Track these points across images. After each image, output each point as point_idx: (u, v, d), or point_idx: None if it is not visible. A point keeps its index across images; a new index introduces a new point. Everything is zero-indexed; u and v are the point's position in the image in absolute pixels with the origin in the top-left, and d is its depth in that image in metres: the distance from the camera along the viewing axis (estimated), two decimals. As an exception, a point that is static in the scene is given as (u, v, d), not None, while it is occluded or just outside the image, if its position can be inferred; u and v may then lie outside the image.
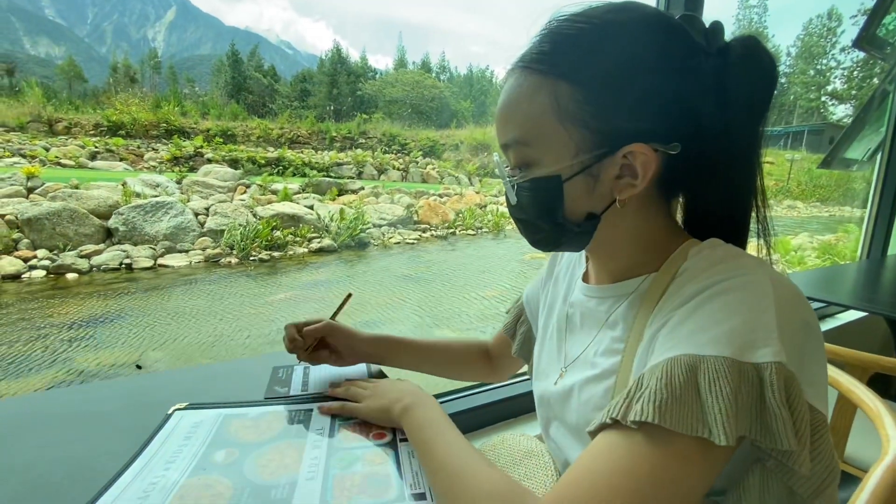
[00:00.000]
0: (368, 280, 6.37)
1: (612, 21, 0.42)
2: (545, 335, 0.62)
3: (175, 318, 4.51)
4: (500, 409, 1.13)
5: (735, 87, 0.42)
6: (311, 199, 9.05)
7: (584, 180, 0.44)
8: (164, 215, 6.72)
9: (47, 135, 14.52)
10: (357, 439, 0.56)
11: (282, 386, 0.70)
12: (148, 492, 0.45)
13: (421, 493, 0.47)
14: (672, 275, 0.43)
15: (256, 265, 6.55)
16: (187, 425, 0.58)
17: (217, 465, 0.50)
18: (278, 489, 0.47)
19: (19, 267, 5.37)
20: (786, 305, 0.37)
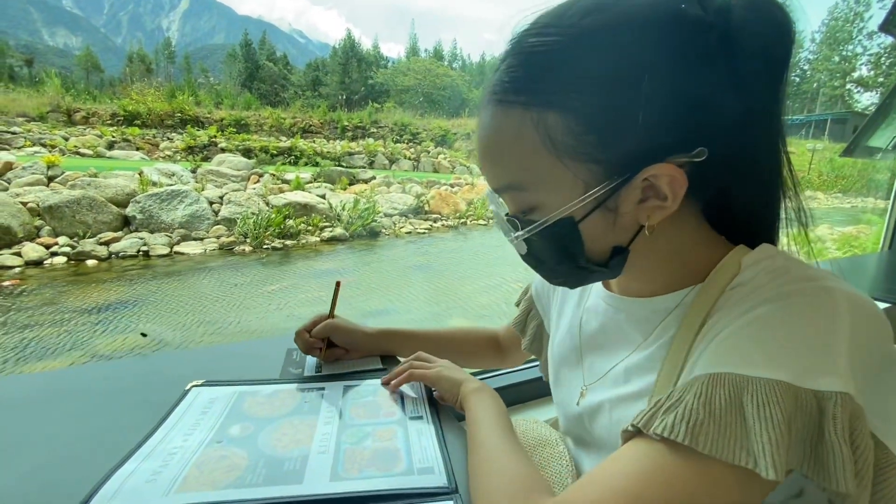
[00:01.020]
0: (379, 269, 6.41)
1: (592, 27, 0.35)
2: (559, 336, 0.60)
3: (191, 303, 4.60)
4: (509, 394, 1.14)
5: (744, 55, 0.35)
6: (323, 189, 9.11)
7: (603, 216, 0.38)
8: (179, 204, 6.83)
9: (66, 124, 14.78)
10: (368, 416, 0.58)
11: (295, 367, 0.72)
12: (167, 461, 0.47)
13: (428, 467, 0.48)
14: (722, 288, 0.39)
15: (269, 253, 6.64)
16: (204, 401, 0.60)
17: (233, 438, 0.52)
18: (291, 461, 0.48)
19: (42, 253, 5.52)
20: (862, 327, 0.33)
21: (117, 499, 0.41)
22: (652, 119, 0.34)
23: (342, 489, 0.44)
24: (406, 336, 0.77)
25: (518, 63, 0.37)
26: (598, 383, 0.50)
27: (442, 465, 0.48)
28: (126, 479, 0.44)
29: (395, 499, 0.43)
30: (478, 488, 0.42)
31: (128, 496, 0.42)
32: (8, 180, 6.72)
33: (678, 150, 0.35)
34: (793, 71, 0.41)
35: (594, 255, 0.41)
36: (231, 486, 0.44)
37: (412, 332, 0.78)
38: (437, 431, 0.55)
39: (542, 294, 0.68)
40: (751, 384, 0.31)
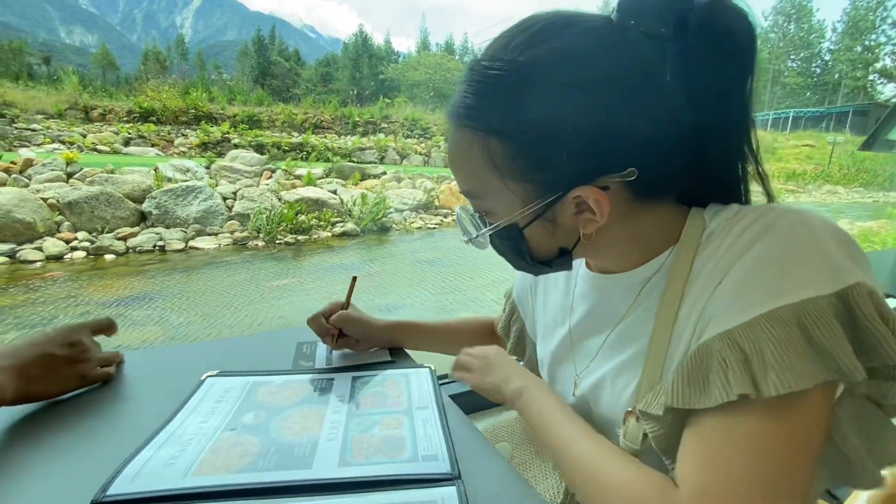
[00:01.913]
0: (390, 265, 6.45)
1: (528, 63, 0.38)
2: (546, 334, 0.61)
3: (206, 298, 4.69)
4: None
5: (700, 69, 0.39)
6: (335, 184, 9.16)
7: (543, 225, 0.43)
8: (193, 199, 6.93)
9: (84, 121, 15.05)
10: (375, 406, 0.60)
11: (306, 360, 0.74)
12: (184, 446, 0.50)
13: (432, 454, 0.49)
14: (695, 244, 0.42)
15: (282, 248, 6.72)
16: (219, 390, 0.63)
17: (246, 425, 0.54)
18: (301, 447, 0.50)
19: (62, 248, 5.67)
20: (835, 230, 0.36)
21: (138, 480, 0.44)
22: (579, 147, 0.39)
23: (350, 474, 0.46)
24: (414, 328, 0.79)
25: (470, 91, 0.41)
26: (593, 363, 0.51)
27: (446, 453, 0.50)
28: (146, 462, 0.47)
29: (400, 483, 0.45)
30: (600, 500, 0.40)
31: (148, 478, 0.44)
32: (29, 177, 6.89)
33: (608, 171, 0.39)
34: (813, 61, 0.43)
35: (541, 256, 0.46)
36: (244, 470, 0.46)
37: (420, 325, 0.80)
38: (441, 421, 0.56)
39: (522, 297, 0.69)
40: (800, 309, 0.33)
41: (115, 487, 0.43)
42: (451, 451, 0.50)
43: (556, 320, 0.59)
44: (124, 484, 0.43)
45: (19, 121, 12.98)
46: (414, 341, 0.79)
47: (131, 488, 0.43)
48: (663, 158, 0.40)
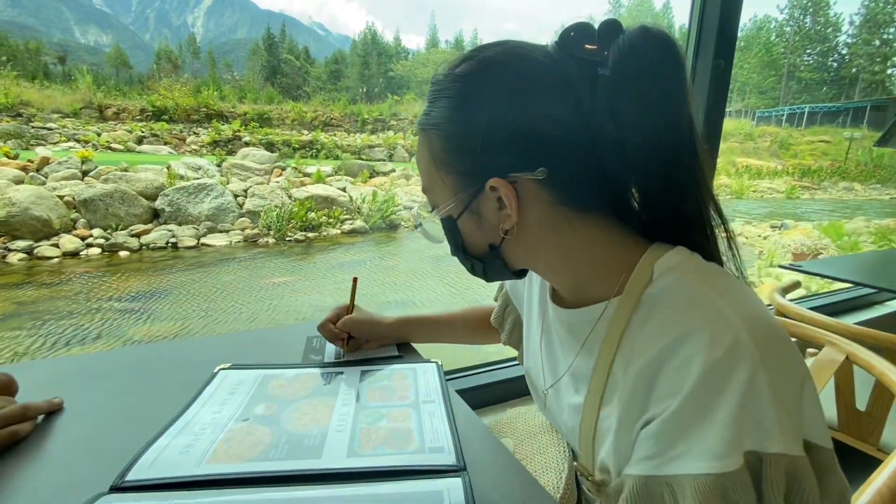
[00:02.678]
0: (398, 261, 6.47)
1: (461, 73, 0.45)
2: (528, 332, 0.63)
3: (217, 295, 4.75)
4: (510, 387, 1.16)
5: (627, 92, 0.41)
6: (344, 182, 9.21)
7: (470, 217, 0.47)
8: (205, 197, 7.02)
9: (98, 120, 15.29)
10: (383, 399, 0.61)
11: (316, 354, 0.75)
12: (198, 436, 0.51)
13: (439, 446, 0.50)
14: (636, 300, 0.41)
15: (292, 245, 6.78)
16: (231, 382, 0.64)
17: (258, 416, 0.56)
18: (311, 438, 0.51)
19: (78, 244, 5.78)
20: (778, 370, 0.35)
21: (155, 468, 0.46)
22: (495, 143, 0.43)
23: (358, 464, 0.47)
24: (420, 322, 0.80)
25: (428, 100, 0.48)
26: (553, 389, 0.54)
27: (452, 445, 0.51)
28: (162, 450, 0.48)
29: (407, 474, 0.46)
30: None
31: (164, 465, 0.46)
32: (45, 175, 7.03)
33: (520, 168, 0.43)
34: (830, 55, 0.42)
35: (475, 250, 0.49)
36: (256, 459, 0.47)
37: (425, 318, 0.81)
38: (448, 414, 0.57)
39: (515, 288, 0.71)
40: (720, 481, 0.33)
41: (133, 473, 0.45)
42: (457, 444, 0.51)
43: (534, 327, 0.60)
44: (142, 470, 0.45)
45: (36, 120, 13.23)
46: (421, 335, 0.80)
47: (148, 474, 0.45)
48: (577, 165, 0.43)
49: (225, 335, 0.85)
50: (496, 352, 2.61)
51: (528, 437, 0.62)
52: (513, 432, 0.65)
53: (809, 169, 20.11)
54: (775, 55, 52.00)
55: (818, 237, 6.90)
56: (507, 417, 0.68)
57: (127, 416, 0.57)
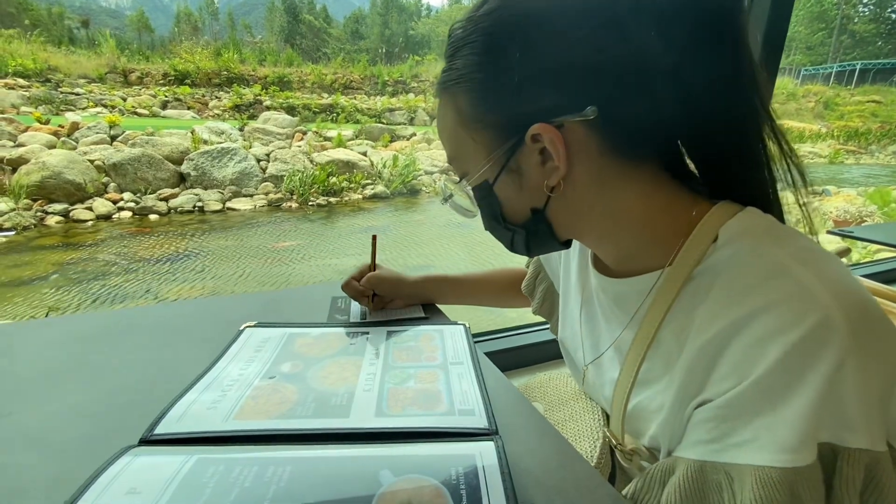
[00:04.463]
0: (420, 227, 6.46)
1: (485, 12, 0.39)
2: (566, 303, 0.58)
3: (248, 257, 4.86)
4: (538, 351, 1.14)
5: (681, 36, 0.35)
6: (365, 146, 9.14)
7: (509, 178, 0.41)
8: (229, 161, 7.09)
9: (123, 85, 15.44)
10: (410, 360, 0.59)
11: (341, 314, 0.74)
12: (225, 391, 0.51)
13: (469, 409, 0.49)
14: (694, 268, 0.37)
15: (314, 210, 6.83)
16: (257, 340, 0.64)
17: (284, 374, 0.55)
18: (338, 397, 0.50)
19: (110, 208, 5.96)
20: (872, 356, 0.30)
21: (183, 422, 0.45)
22: (533, 82, 0.37)
23: (387, 424, 0.46)
24: (446, 282, 0.78)
25: (446, 57, 0.42)
26: (594, 365, 0.50)
27: (482, 408, 0.49)
28: (190, 405, 0.48)
29: (437, 437, 0.44)
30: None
31: (192, 420, 0.45)
32: (76, 140, 7.19)
33: (565, 110, 0.37)
34: (889, 4, 0.36)
35: (516, 217, 0.43)
36: (283, 416, 0.46)
37: (451, 278, 0.78)
38: (477, 377, 0.55)
39: (548, 255, 0.66)
40: (787, 475, 0.29)
41: (162, 427, 0.44)
42: (489, 407, 0.49)
43: (572, 297, 0.56)
44: (170, 424, 0.45)
45: (63, 85, 13.45)
46: (446, 295, 0.78)
47: (177, 428, 0.44)
48: (629, 103, 0.37)
49: (250, 294, 0.84)
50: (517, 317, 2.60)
51: (560, 402, 0.60)
52: (543, 397, 0.63)
53: (856, 131, 18.82)
54: (826, 5, 47.86)
55: (862, 204, 6.52)
56: (538, 382, 0.66)
57: (154, 371, 0.57)
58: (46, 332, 0.66)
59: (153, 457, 0.40)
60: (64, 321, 0.73)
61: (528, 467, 0.43)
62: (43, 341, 0.63)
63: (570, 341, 0.56)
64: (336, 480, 0.38)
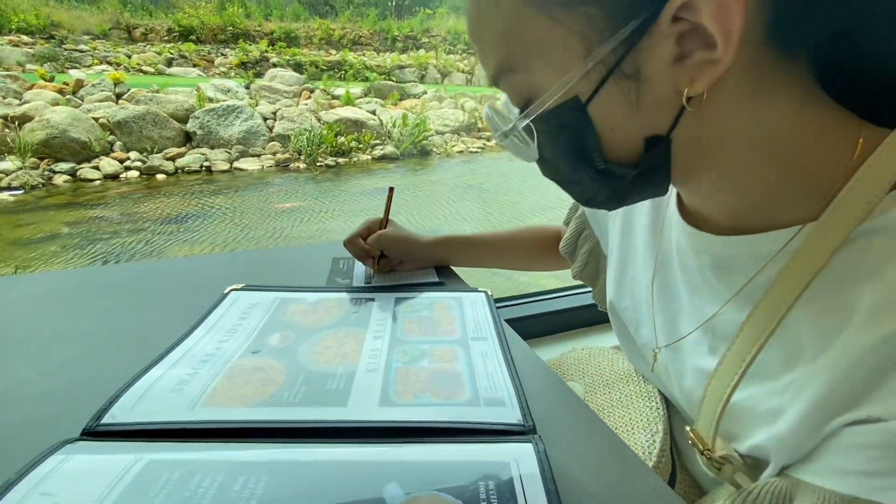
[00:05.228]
0: (431, 190, 6.30)
1: None
2: (623, 267, 0.47)
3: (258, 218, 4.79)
4: (567, 318, 1.04)
5: None
6: (374, 104, 8.84)
7: (619, 88, 0.27)
8: (235, 119, 6.91)
9: (127, 42, 15.04)
10: (423, 333, 0.49)
11: (343, 277, 0.64)
12: (197, 368, 0.41)
13: (497, 397, 0.39)
14: (856, 224, 0.25)
15: (323, 171, 6.69)
16: (243, 305, 0.54)
17: (270, 348, 0.45)
18: (335, 379, 0.41)
19: (117, 167, 5.88)
20: None
21: (138, 409, 0.36)
22: None
23: (394, 416, 0.36)
24: (464, 243, 0.67)
25: None
26: (670, 349, 0.38)
27: (514, 397, 0.39)
28: (151, 385, 0.38)
29: (459, 435, 0.35)
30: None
31: (150, 405, 0.36)
32: (81, 98, 7.03)
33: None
34: None
35: (619, 152, 0.29)
36: (264, 403, 0.37)
37: (471, 238, 0.68)
38: (505, 357, 0.45)
39: (597, 210, 0.54)
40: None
41: (111, 415, 0.35)
42: (522, 396, 0.39)
43: (637, 260, 0.44)
44: (122, 411, 0.35)
45: (67, 42, 13.12)
46: (464, 258, 0.67)
47: (129, 417, 0.35)
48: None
49: (239, 252, 0.74)
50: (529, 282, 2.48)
51: (604, 384, 0.50)
52: (581, 376, 0.53)
53: None
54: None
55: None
56: (574, 358, 0.56)
57: (119, 341, 0.47)
58: (5, 293, 0.57)
59: (92, 455, 0.31)
60: (28, 280, 0.64)
61: (575, 475, 0.33)
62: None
63: (631, 314, 0.45)
64: (326, 494, 0.29)
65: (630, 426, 0.44)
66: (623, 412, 0.45)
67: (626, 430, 0.44)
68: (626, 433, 0.43)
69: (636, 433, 0.43)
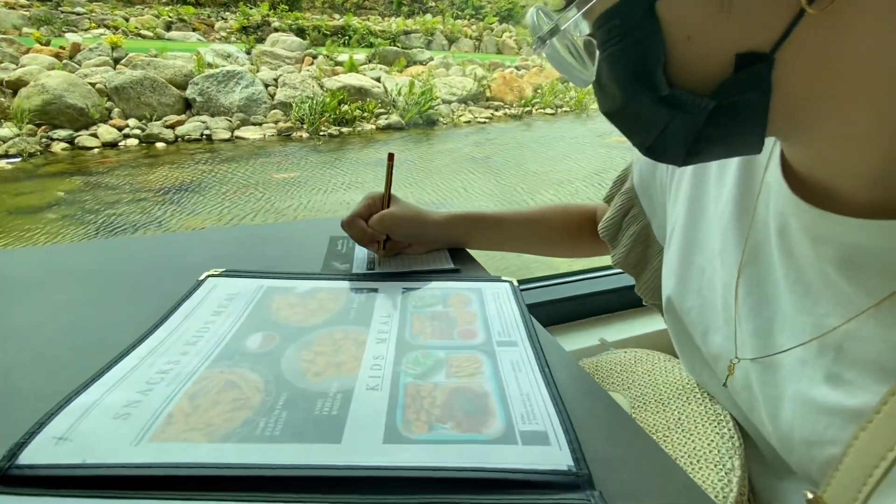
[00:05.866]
0: (436, 162, 6.14)
1: None
2: (688, 256, 0.37)
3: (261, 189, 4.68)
4: (587, 304, 0.95)
5: None
6: (378, 71, 8.54)
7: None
8: (235, 86, 6.70)
9: (125, 4, 14.58)
10: (437, 335, 0.40)
11: (342, 261, 0.55)
12: (152, 383, 0.33)
13: (539, 431, 0.30)
14: None
15: (326, 140, 6.52)
16: (220, 296, 0.45)
17: (248, 355, 0.36)
18: (327, 400, 0.32)
19: (115, 135, 5.74)
20: None
21: (64, 446, 0.27)
22: None
23: (403, 461, 0.27)
24: (483, 221, 0.57)
25: None
26: (766, 363, 0.29)
27: (561, 431, 0.30)
28: (88, 409, 0.30)
29: (490, 488, 0.26)
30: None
31: (83, 439, 0.27)
32: (78, 62, 6.82)
33: None
34: None
35: (693, 75, 0.21)
36: (232, 437, 0.28)
37: (491, 217, 0.58)
38: (542, 368, 0.36)
39: (650, 183, 0.44)
40: None
41: (28, 454, 0.26)
42: (570, 429, 0.30)
43: (710, 248, 0.34)
44: (43, 449, 0.27)
45: (64, 4, 12.71)
46: (482, 238, 0.58)
47: (51, 458, 0.26)
48: None
49: (220, 229, 0.64)
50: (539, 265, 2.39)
51: (656, 399, 0.41)
52: (626, 387, 0.44)
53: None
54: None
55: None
56: (613, 362, 0.47)
57: (74, 335, 0.39)
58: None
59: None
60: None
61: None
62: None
63: (696, 317, 0.35)
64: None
65: (694, 458, 0.35)
66: (683, 439, 0.36)
67: (689, 464, 0.35)
68: (691, 467, 0.35)
69: (704, 468, 0.34)
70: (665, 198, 0.42)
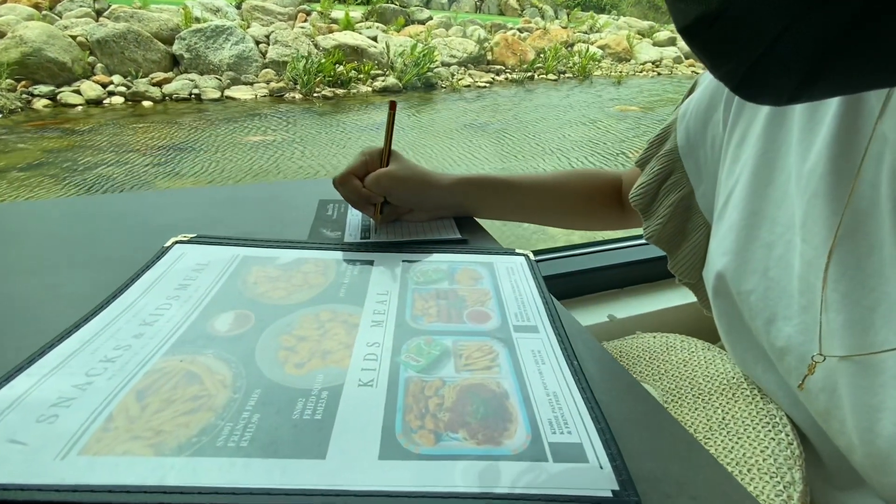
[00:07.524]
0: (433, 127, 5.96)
1: None
2: (750, 229, 0.31)
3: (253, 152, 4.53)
4: (607, 276, 0.89)
5: None
6: (375, 30, 8.17)
7: None
8: (224, 42, 6.40)
9: (105, -50, 13.74)
10: (443, 318, 0.34)
11: (332, 229, 0.48)
12: (94, 374, 0.26)
13: (573, 443, 0.24)
14: None
15: (321, 102, 6.29)
16: (188, 265, 0.38)
17: (215, 339, 0.30)
18: (310, 399, 0.26)
19: (99, 92, 5.49)
20: None
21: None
22: None
23: (404, 483, 0.21)
24: (489, 184, 0.50)
25: None
26: (864, 363, 0.23)
27: (600, 442, 0.24)
28: (6, 409, 0.24)
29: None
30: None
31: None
32: (59, 14, 6.45)
33: None
34: None
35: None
36: (184, 450, 0.22)
37: (498, 180, 0.50)
38: (567, 358, 0.30)
39: (699, 143, 0.37)
40: None
41: (-82, 471, 0.20)
42: (609, 437, 0.24)
43: (783, 219, 0.28)
44: (-59, 464, 0.21)
45: (40, -52, 11.95)
46: (492, 206, 0.51)
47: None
48: None
49: (193, 189, 0.57)
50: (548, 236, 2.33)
51: (693, 393, 0.35)
52: (657, 377, 0.38)
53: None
54: None
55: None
56: (641, 347, 0.41)
57: (15, 307, 0.32)
58: None
59: None
60: None
61: None
62: None
63: (759, 301, 0.29)
64: None
65: (744, 467, 0.30)
66: (729, 442, 0.31)
67: (736, 473, 0.30)
68: (740, 478, 0.29)
69: (756, 480, 0.29)
70: (718, 160, 0.35)
